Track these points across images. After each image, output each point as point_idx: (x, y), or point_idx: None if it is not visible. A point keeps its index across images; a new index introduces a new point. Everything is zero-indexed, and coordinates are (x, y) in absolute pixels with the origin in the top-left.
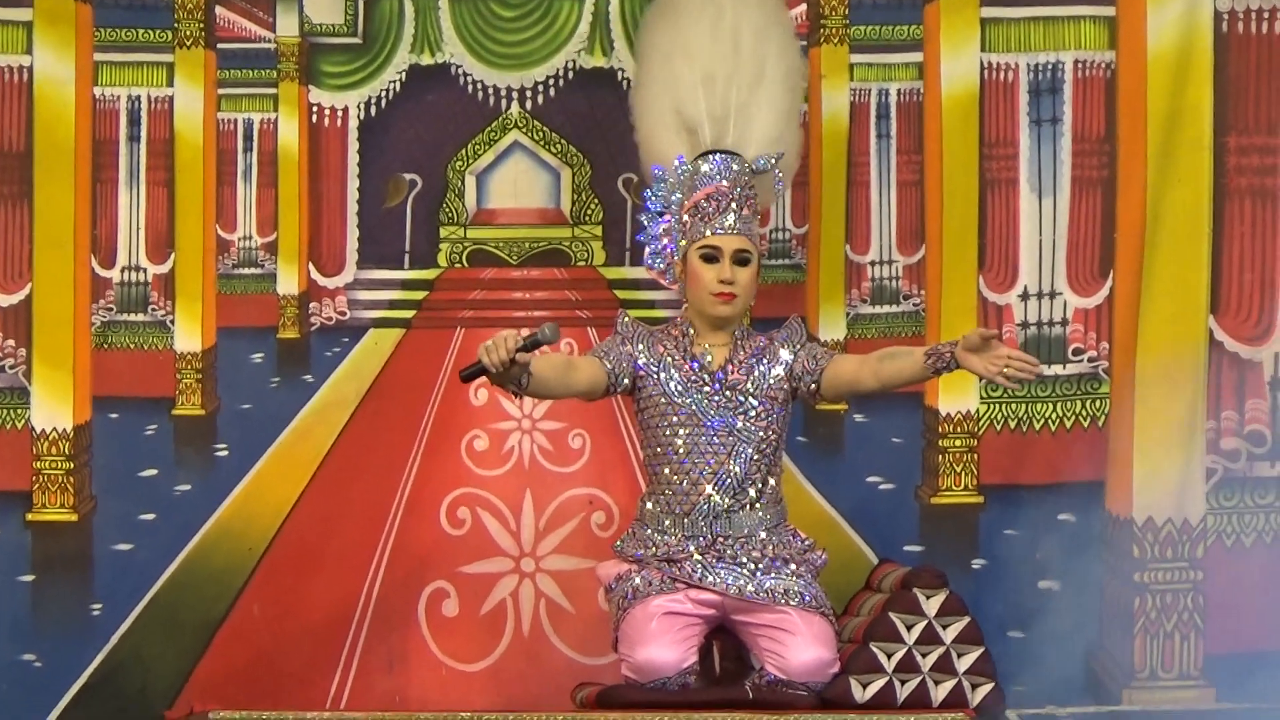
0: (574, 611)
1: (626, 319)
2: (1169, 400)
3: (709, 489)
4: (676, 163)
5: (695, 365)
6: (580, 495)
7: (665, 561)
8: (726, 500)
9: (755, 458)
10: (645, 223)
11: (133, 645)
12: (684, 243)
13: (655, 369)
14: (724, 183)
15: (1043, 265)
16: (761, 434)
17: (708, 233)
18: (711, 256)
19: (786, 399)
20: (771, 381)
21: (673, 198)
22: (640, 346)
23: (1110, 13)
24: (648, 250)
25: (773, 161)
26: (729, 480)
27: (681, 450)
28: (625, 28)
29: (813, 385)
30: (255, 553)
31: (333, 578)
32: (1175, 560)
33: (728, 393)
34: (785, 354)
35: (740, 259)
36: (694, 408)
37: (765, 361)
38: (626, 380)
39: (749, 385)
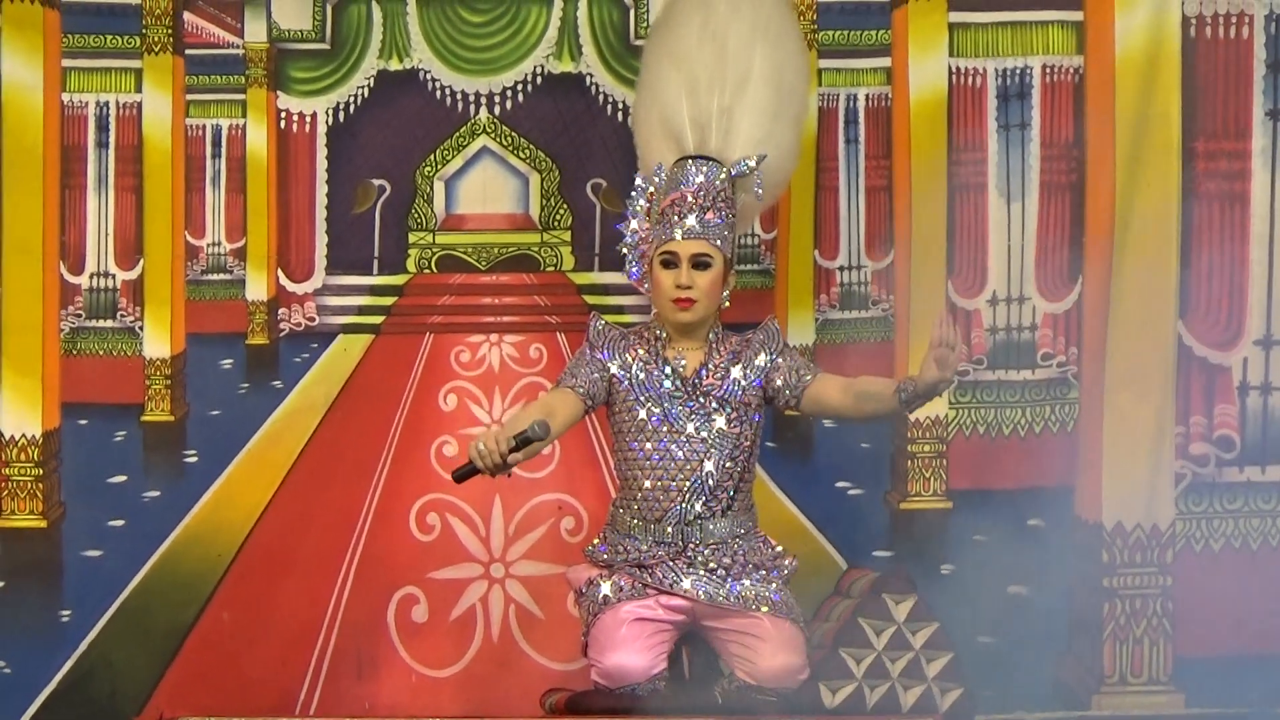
0: (543, 617)
1: (600, 323)
2: (1138, 405)
3: (681, 495)
4: (655, 170)
5: (668, 370)
6: (550, 501)
7: (636, 567)
8: (698, 507)
9: (728, 465)
10: (624, 232)
11: (102, 651)
12: (648, 250)
13: (627, 374)
14: (689, 188)
15: (1011, 270)
16: (735, 440)
17: (665, 239)
18: (670, 262)
19: (760, 405)
20: (746, 388)
21: (650, 206)
22: (611, 353)
23: (1078, 18)
24: (627, 260)
25: (752, 165)
26: (701, 487)
27: (654, 456)
28: (593, 33)
29: (793, 401)
30: (224, 559)
31: (302, 584)
32: (1144, 565)
33: (701, 398)
34: (761, 359)
35: (699, 263)
36: (667, 413)
37: (740, 367)
38: (603, 394)
39: (723, 391)
